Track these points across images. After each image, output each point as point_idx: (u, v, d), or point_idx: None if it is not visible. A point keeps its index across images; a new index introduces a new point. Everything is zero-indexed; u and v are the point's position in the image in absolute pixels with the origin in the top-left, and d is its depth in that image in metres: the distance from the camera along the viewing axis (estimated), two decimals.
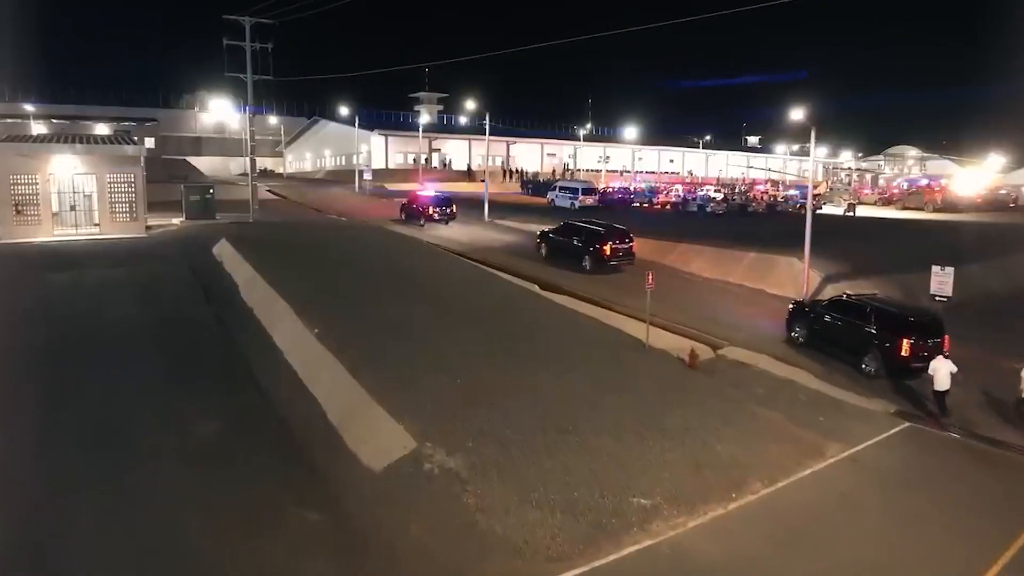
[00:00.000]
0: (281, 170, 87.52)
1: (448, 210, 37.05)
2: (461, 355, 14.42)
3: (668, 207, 54.36)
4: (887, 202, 70.77)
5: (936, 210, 62.19)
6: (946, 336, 17.13)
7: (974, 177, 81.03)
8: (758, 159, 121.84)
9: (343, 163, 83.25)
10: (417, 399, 12.10)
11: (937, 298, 21.01)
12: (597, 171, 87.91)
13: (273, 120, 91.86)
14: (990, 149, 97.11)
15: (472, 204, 42.26)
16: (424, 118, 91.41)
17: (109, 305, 17.76)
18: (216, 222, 30.08)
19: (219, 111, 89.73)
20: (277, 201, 50.12)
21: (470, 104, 44.68)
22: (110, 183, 27.79)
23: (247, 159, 30.92)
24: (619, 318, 20.73)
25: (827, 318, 19.06)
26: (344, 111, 73.36)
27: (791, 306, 20.75)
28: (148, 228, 28.89)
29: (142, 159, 28.66)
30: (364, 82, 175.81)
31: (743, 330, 20.38)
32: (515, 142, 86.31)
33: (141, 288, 19.47)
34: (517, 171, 79.96)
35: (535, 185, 67.08)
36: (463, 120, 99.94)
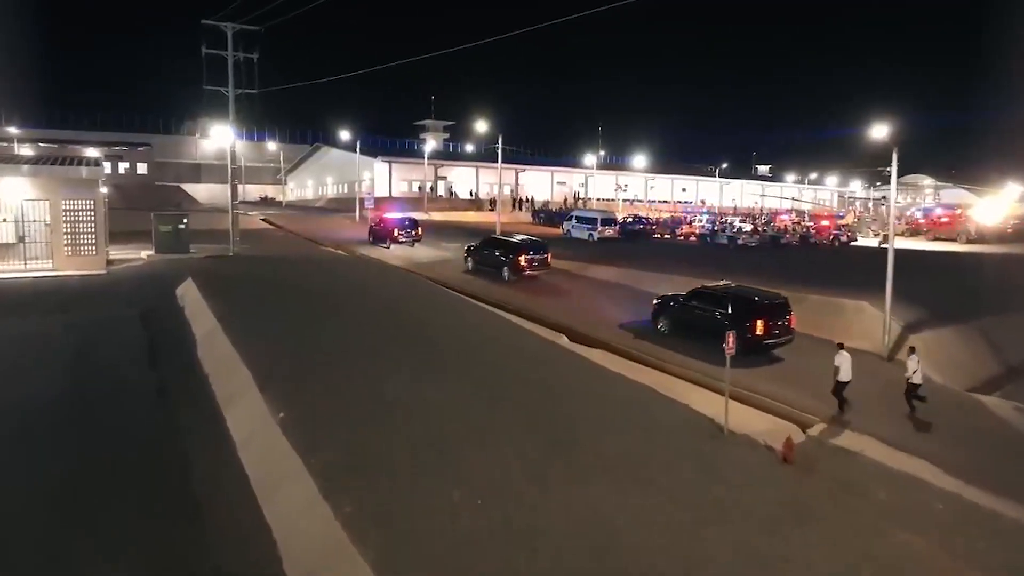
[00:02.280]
0: (281, 198, 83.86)
1: (414, 232, 37.72)
2: (489, 462, 10.24)
3: (693, 238, 50.40)
4: (914, 232, 67.46)
5: (969, 241, 58.86)
6: (792, 316, 19.59)
7: (994, 206, 77.82)
8: (773, 188, 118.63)
9: (345, 191, 79.83)
10: (427, 547, 7.92)
11: None
12: (610, 200, 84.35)
13: (272, 146, 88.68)
14: (999, 176, 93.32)
15: (484, 236, 38.26)
16: (430, 145, 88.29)
17: (18, 372, 13.59)
18: (189, 256, 26.10)
19: (219, 137, 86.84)
20: (271, 231, 46.27)
21: (480, 126, 41.05)
22: (66, 211, 23.87)
23: (230, 185, 27.08)
24: (664, 380, 16.63)
25: (688, 308, 20.37)
26: (346, 136, 70.01)
27: (656, 301, 21.75)
28: (110, 263, 24.92)
29: (100, 182, 24.81)
30: (369, 111, 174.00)
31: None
32: (524, 170, 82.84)
33: (73, 345, 15.36)
34: (527, 200, 76.32)
35: (547, 214, 63.25)
36: (469, 148, 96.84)
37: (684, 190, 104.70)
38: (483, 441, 10.70)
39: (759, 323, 18.42)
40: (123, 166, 73.36)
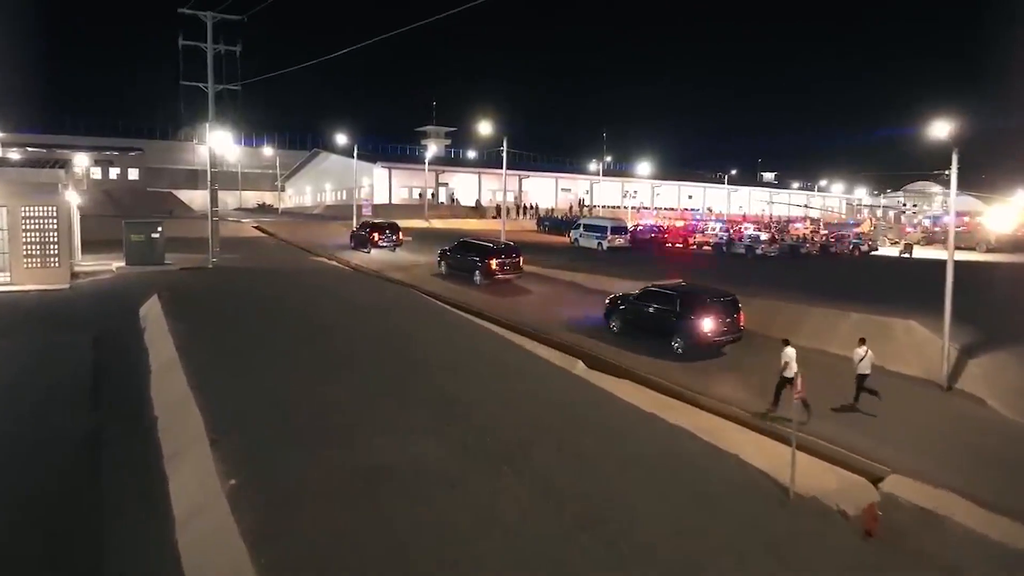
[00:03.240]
0: (277, 204, 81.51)
1: (394, 237, 38.03)
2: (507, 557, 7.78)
3: (707, 248, 47.99)
4: (930, 241, 65.38)
5: (989, 250, 56.76)
6: (741, 314, 19.30)
7: (1005, 214, 75.85)
8: (780, 195, 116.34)
9: (344, 198, 77.52)
10: None
11: None
12: (615, 207, 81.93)
13: (269, 152, 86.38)
14: (1007, 184, 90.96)
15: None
16: (431, 151, 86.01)
17: None
18: (163, 268, 23.74)
19: (217, 143, 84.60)
20: (262, 239, 43.91)
21: (483, 128, 38.55)
22: (25, 219, 21.53)
23: (209, 191, 24.73)
24: (694, 416, 14.19)
25: (639, 308, 20.22)
26: (343, 140, 67.71)
27: (607, 301, 21.66)
28: (76, 276, 22.57)
29: (60, 187, 22.53)
30: (370, 118, 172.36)
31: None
32: (528, 176, 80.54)
33: (5, 379, 12.96)
34: (531, 207, 73.97)
35: (552, 222, 60.90)
36: (472, 155, 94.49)
37: (691, 197, 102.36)
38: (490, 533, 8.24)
39: (707, 321, 18.37)
40: (115, 172, 71.25)
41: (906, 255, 51.57)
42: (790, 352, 15.19)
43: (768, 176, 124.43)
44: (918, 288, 30.44)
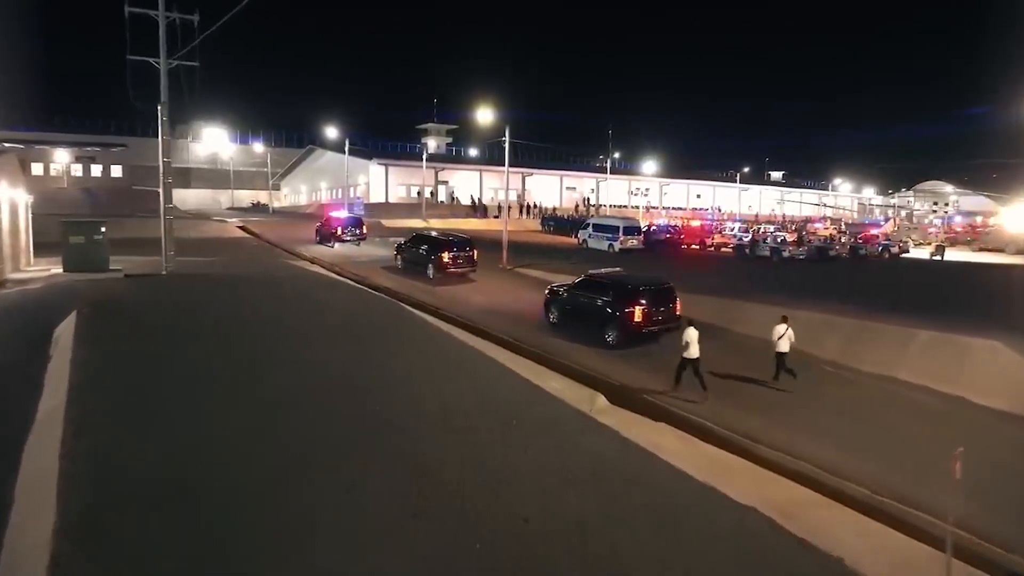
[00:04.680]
0: (270, 204, 78.02)
1: (359, 231, 38.54)
2: None
3: (728, 249, 44.47)
4: (953, 242, 62.55)
5: (1019, 251, 53.99)
6: (677, 301, 18.94)
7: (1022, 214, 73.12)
8: (792, 193, 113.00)
9: (340, 196, 74.19)
10: None
11: None
12: (622, 206, 78.49)
13: (259, 149, 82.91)
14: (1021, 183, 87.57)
15: (486, 246, 32.25)
16: (431, 147, 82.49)
17: None
18: (105, 275, 20.24)
19: (212, 141, 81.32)
20: (243, 240, 40.48)
21: (485, 116, 35.29)
22: None
23: (161, 186, 21.26)
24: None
25: (575, 298, 19.73)
26: (338, 136, 64.29)
27: (547, 291, 21.10)
28: (2, 285, 19.14)
29: None
30: (369, 115, 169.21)
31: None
32: (531, 174, 77.06)
33: None
34: (535, 206, 70.50)
35: (557, 221, 57.45)
36: (473, 152, 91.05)
37: (699, 196, 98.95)
38: None
39: (638, 309, 18.03)
40: (97, 169, 67.83)
41: (937, 257, 48.46)
42: (692, 333, 15.01)
43: (775, 175, 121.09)
44: (970, 296, 27.07)
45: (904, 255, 49.24)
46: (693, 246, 46.47)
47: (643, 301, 18.14)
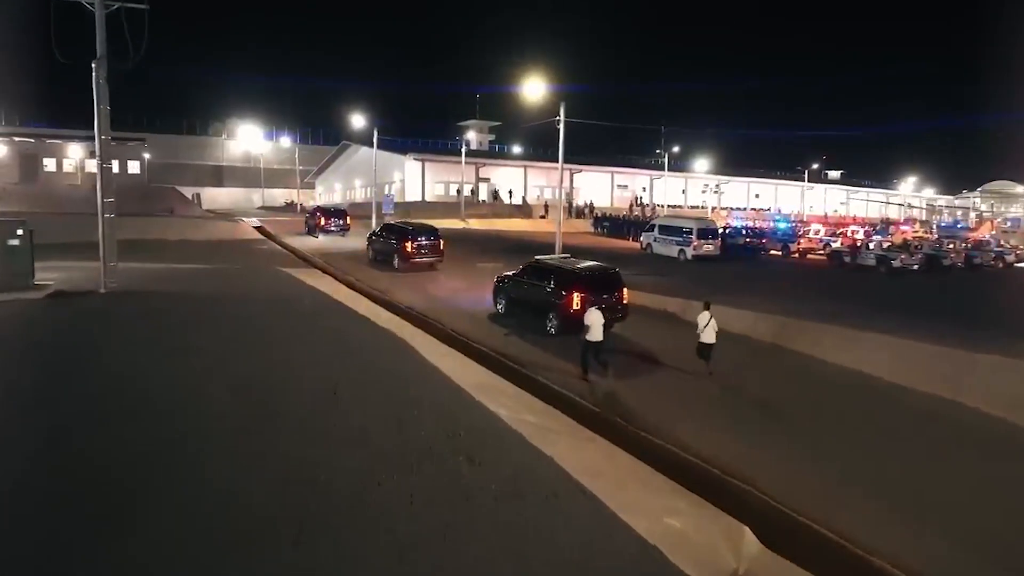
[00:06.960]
0: (297, 202, 73.39)
1: (342, 223, 40.39)
2: None
3: (818, 256, 37.74)
4: None
5: None
6: (624, 289, 17.58)
7: None
8: (860, 193, 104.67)
9: (374, 194, 69.16)
10: None
11: None
12: (676, 206, 71.71)
13: (287, 143, 78.47)
14: None
15: (530, 251, 25.94)
16: (472, 142, 76.98)
17: None
18: (20, 294, 14.74)
19: (246, 138, 77.38)
20: (247, 243, 35.21)
21: (534, 90, 29.60)
22: None
23: (99, 185, 15.99)
24: None
25: (520, 285, 18.99)
26: (371, 131, 59.02)
27: (496, 279, 20.14)
28: None
29: None
30: (410, 114, 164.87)
31: None
32: (580, 171, 70.72)
33: None
34: (586, 205, 64.34)
35: (613, 223, 51.20)
36: (517, 150, 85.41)
37: (757, 196, 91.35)
38: None
39: (576, 297, 16.46)
40: (114, 165, 63.80)
41: None
42: (595, 316, 13.91)
43: (833, 174, 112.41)
44: None
45: (1020, 264, 41.88)
46: (774, 252, 39.84)
47: (584, 288, 16.76)
